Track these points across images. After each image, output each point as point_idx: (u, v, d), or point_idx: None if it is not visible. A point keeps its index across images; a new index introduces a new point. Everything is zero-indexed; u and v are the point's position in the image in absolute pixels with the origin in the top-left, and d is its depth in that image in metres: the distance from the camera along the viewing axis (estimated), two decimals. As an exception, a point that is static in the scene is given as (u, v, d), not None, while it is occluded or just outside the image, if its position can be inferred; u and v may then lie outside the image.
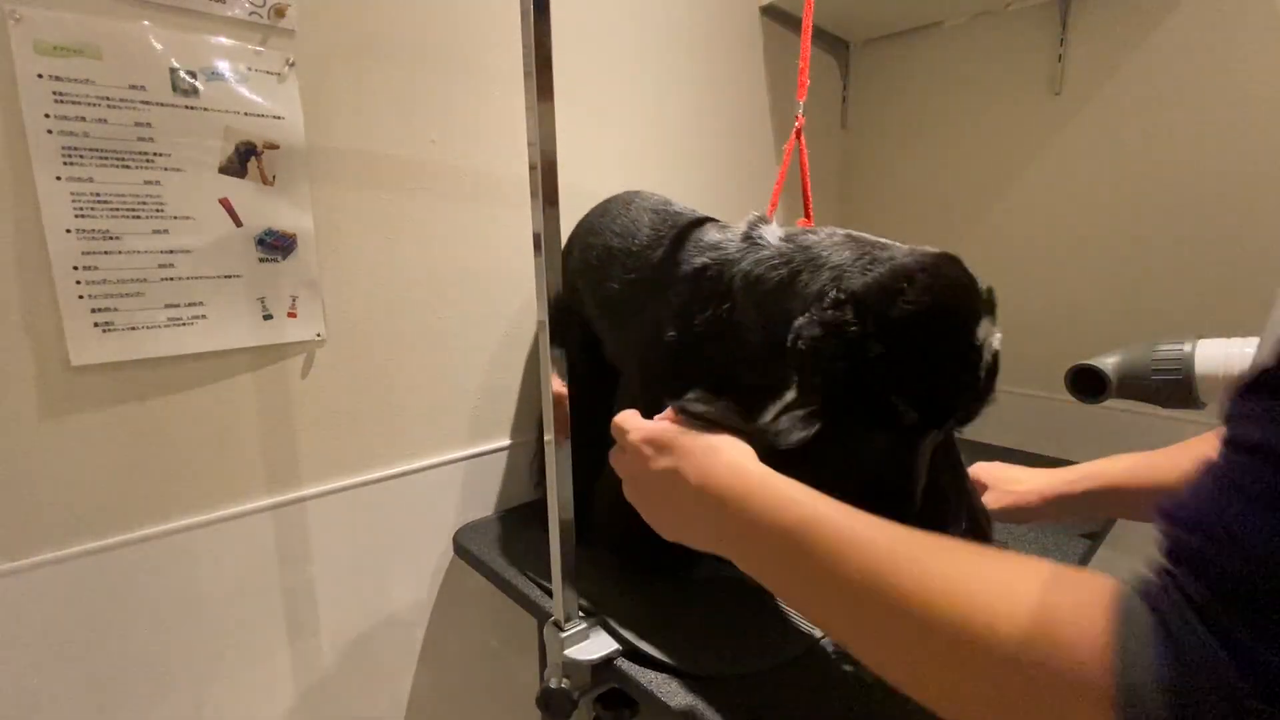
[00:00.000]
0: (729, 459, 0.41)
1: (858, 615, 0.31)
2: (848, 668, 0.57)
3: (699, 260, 0.59)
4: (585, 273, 0.74)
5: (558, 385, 0.56)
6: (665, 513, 0.44)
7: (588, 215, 0.80)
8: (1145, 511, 0.59)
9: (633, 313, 0.67)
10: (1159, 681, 0.21)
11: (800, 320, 0.47)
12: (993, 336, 0.46)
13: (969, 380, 0.45)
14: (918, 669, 0.28)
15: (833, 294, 0.46)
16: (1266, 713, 0.20)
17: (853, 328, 0.44)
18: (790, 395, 0.46)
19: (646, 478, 0.44)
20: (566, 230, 0.80)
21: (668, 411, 0.47)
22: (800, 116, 0.72)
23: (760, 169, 1.25)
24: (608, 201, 0.79)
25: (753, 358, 0.54)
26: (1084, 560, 0.75)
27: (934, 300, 0.44)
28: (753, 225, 0.58)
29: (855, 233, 0.52)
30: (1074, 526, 0.80)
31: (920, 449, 0.47)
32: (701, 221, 0.65)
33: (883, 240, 0.51)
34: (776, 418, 0.45)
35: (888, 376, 0.44)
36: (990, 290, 0.47)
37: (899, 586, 0.28)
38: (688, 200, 1.09)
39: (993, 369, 0.46)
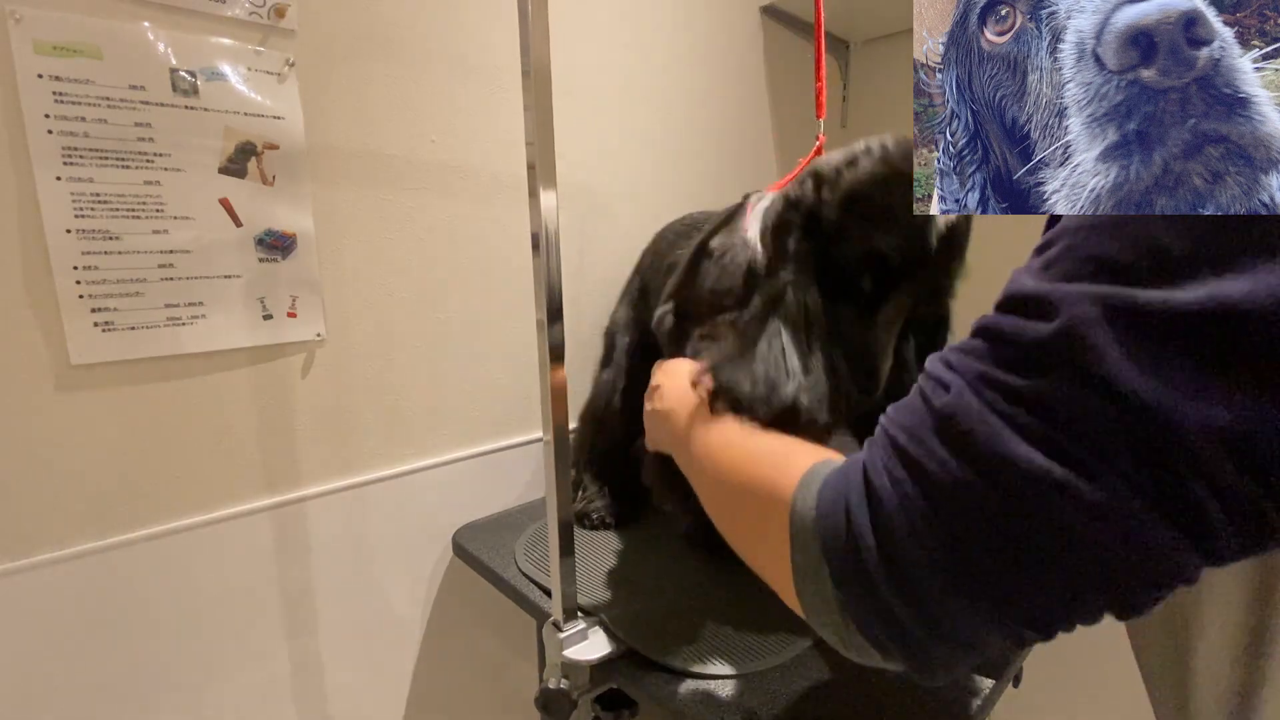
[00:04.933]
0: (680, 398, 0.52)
1: (704, 491, 0.45)
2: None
3: (715, 244, 0.62)
4: (655, 274, 0.78)
5: (557, 386, 0.56)
6: (651, 430, 0.57)
7: (671, 223, 0.84)
8: None
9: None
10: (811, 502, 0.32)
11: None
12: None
13: (918, 245, 0.46)
14: (729, 526, 0.41)
15: (803, 176, 0.51)
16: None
17: (809, 199, 0.49)
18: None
19: (649, 412, 0.57)
20: (567, 230, 0.80)
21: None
22: (821, 136, 0.72)
23: (760, 168, 1.25)
24: (693, 212, 0.83)
25: None
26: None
27: (885, 167, 0.47)
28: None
29: None
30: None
31: (880, 323, 0.49)
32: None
33: None
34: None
35: (842, 243, 0.48)
36: None
37: (725, 472, 0.41)
38: (686, 199, 1.10)
39: (948, 239, 0.47)
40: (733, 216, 0.66)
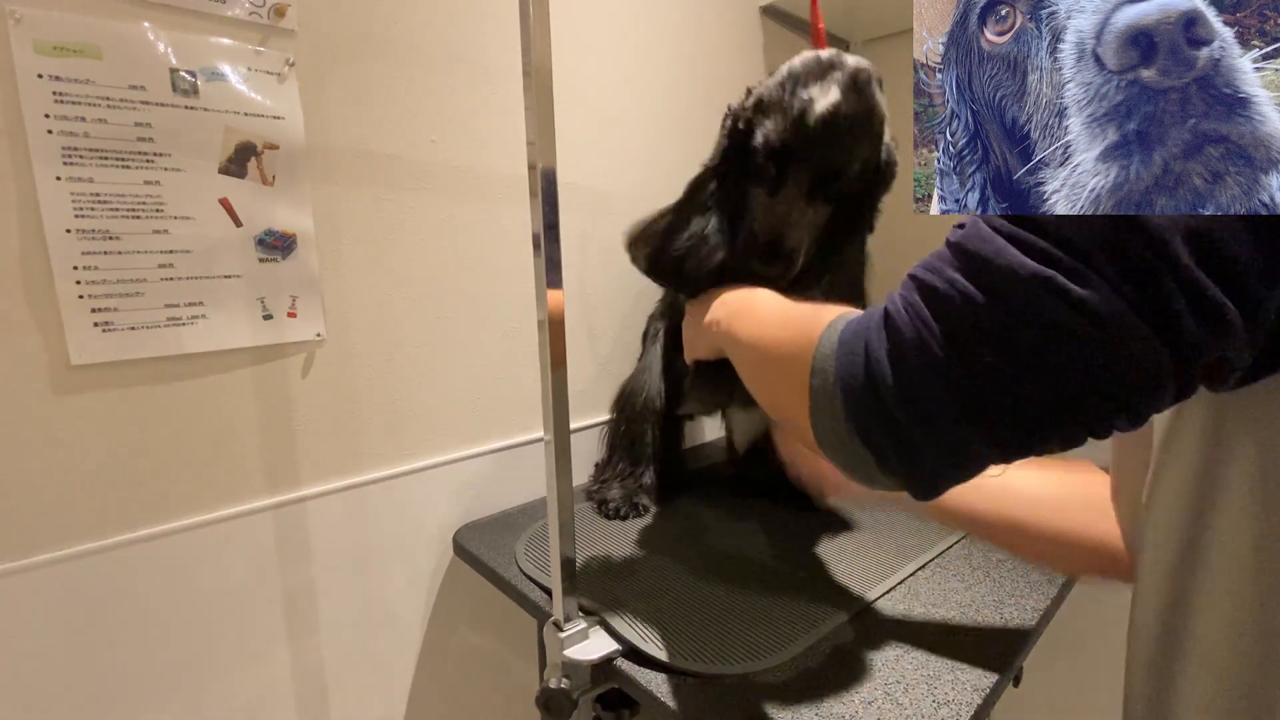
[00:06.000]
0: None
1: (745, 361, 0.50)
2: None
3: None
4: None
5: (557, 385, 0.56)
6: (694, 342, 0.64)
7: None
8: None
9: None
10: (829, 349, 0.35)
11: None
12: (828, 96, 0.54)
13: (801, 126, 0.55)
14: (761, 382, 0.46)
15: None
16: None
17: (736, 107, 0.61)
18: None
19: (690, 336, 0.65)
20: (567, 230, 0.80)
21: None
22: None
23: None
24: None
25: None
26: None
27: (786, 72, 0.57)
28: None
29: None
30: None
31: (782, 199, 0.57)
32: None
33: None
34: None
35: (749, 138, 0.59)
36: (858, 75, 0.55)
37: (766, 336, 0.46)
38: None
39: (828, 121, 0.54)
40: None
